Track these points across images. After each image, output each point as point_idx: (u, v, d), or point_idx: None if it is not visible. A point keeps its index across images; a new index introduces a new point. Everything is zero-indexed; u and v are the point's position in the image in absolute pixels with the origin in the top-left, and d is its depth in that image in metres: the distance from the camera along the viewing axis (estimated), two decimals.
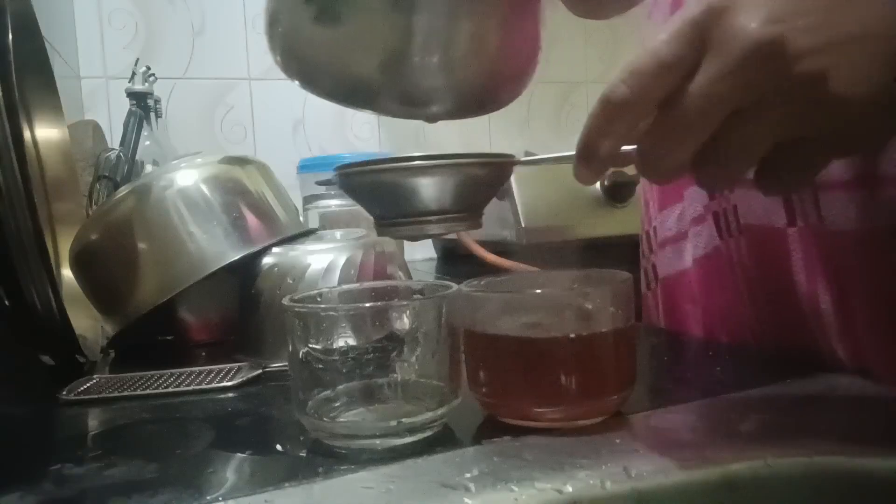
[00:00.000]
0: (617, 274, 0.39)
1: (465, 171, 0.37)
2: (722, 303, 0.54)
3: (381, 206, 0.39)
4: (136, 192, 0.59)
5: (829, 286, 0.43)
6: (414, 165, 0.36)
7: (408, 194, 0.36)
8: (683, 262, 0.58)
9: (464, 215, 0.38)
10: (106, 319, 0.61)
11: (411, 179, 0.36)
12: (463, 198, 0.37)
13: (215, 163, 0.61)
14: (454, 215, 0.38)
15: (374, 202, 0.39)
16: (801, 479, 0.31)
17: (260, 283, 0.56)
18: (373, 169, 0.36)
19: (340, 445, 0.35)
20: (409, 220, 0.38)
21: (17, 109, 0.45)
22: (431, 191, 0.36)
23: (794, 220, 0.45)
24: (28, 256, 0.47)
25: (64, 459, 0.35)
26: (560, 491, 0.29)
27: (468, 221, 0.39)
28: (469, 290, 0.38)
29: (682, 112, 0.30)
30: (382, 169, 0.36)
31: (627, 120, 0.32)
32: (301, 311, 0.36)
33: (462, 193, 0.37)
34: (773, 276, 0.47)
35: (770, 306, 0.49)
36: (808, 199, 0.44)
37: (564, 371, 0.35)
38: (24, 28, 0.55)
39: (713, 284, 0.55)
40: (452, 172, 0.36)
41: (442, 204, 0.37)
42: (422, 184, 0.36)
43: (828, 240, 0.43)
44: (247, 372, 0.50)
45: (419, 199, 0.37)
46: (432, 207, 0.37)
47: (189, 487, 0.31)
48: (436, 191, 0.36)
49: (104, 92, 1.24)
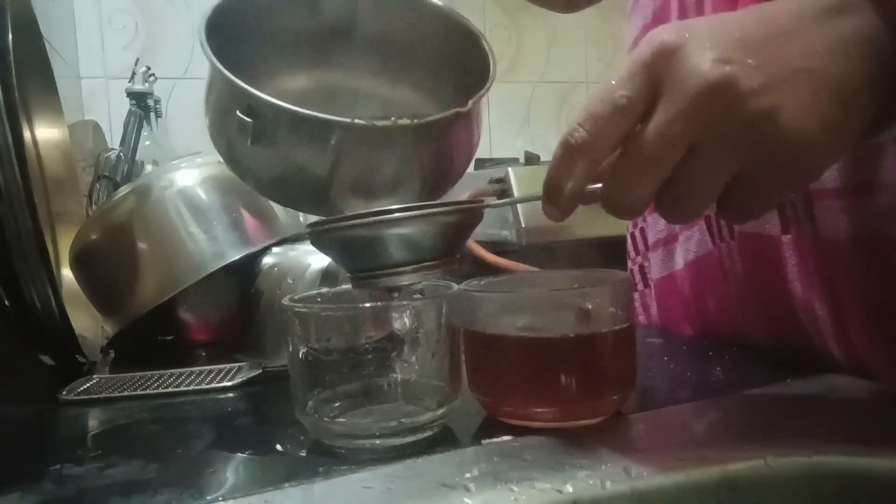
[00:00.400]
0: (617, 274, 0.39)
1: (437, 220, 0.37)
2: (714, 306, 0.54)
3: (355, 260, 0.39)
4: (136, 192, 0.59)
5: (824, 293, 0.43)
6: (385, 219, 0.36)
7: (381, 247, 0.37)
8: (675, 264, 0.58)
9: (439, 262, 0.38)
10: (106, 319, 0.61)
11: (383, 233, 0.36)
12: (436, 245, 0.38)
13: (215, 163, 0.61)
14: (429, 263, 0.38)
15: (347, 257, 0.39)
16: (801, 479, 0.31)
17: (260, 283, 0.56)
18: (343, 225, 0.36)
19: (340, 445, 0.35)
20: (384, 272, 0.37)
21: (17, 109, 0.46)
22: (404, 242, 0.36)
23: (787, 227, 0.45)
24: (28, 256, 0.47)
25: (64, 459, 0.35)
26: (560, 491, 0.29)
27: (443, 268, 0.39)
28: (469, 290, 0.38)
29: (640, 152, 0.31)
30: (353, 225, 0.36)
31: (588, 161, 0.33)
32: (301, 311, 0.36)
33: (435, 241, 0.37)
34: (766, 283, 0.47)
35: (764, 311, 0.49)
36: (802, 208, 0.44)
37: (564, 371, 0.35)
38: (24, 28, 0.55)
39: (705, 288, 0.55)
40: (424, 223, 0.36)
41: (416, 253, 0.37)
42: (393, 236, 0.36)
43: (822, 247, 0.43)
44: (247, 372, 0.50)
45: (392, 251, 0.37)
46: (406, 258, 0.37)
47: (189, 487, 0.31)
48: (408, 242, 0.37)
49: (104, 92, 1.24)
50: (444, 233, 0.37)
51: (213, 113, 0.41)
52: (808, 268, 0.44)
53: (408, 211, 0.36)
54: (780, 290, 0.46)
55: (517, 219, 1.01)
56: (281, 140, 0.38)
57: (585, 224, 1.04)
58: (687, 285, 0.57)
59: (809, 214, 0.43)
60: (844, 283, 0.42)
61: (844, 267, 0.42)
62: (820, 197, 0.43)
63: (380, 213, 0.36)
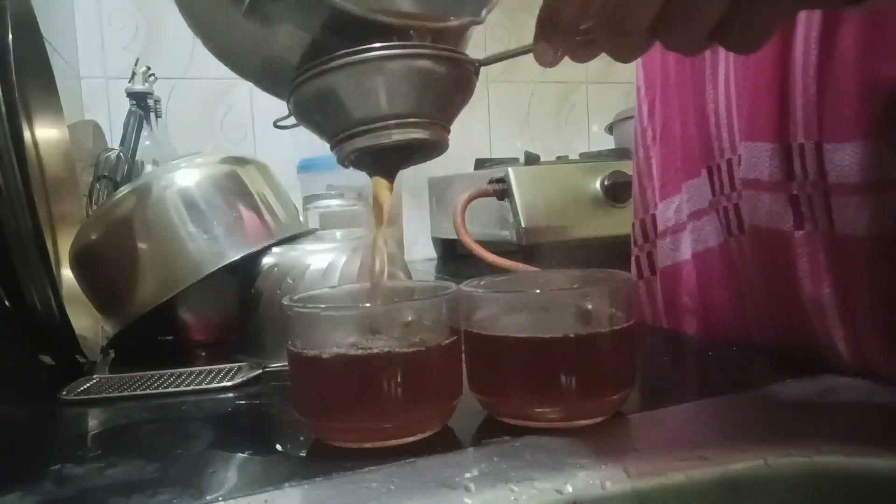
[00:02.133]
0: (617, 274, 0.39)
1: (425, 65, 0.34)
2: (719, 300, 0.54)
3: (338, 118, 0.35)
4: (136, 192, 0.59)
5: (836, 292, 0.43)
6: (369, 56, 0.32)
7: (363, 94, 0.33)
8: (682, 254, 0.58)
9: (427, 121, 0.35)
10: (106, 319, 0.61)
11: (367, 75, 0.33)
12: (424, 99, 0.34)
13: (215, 163, 0.61)
14: (417, 120, 0.34)
15: (329, 115, 0.36)
16: (801, 479, 0.31)
17: (260, 283, 0.56)
18: (323, 69, 0.33)
19: (340, 445, 0.35)
20: (367, 127, 0.34)
21: (17, 109, 0.45)
22: (389, 86, 0.33)
23: (801, 223, 0.45)
24: (28, 256, 0.47)
25: (64, 459, 0.35)
26: (560, 491, 0.29)
27: (432, 129, 0.35)
28: (469, 290, 0.38)
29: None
30: (334, 67, 0.33)
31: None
32: (301, 311, 0.36)
33: (422, 93, 0.34)
34: (776, 279, 0.47)
35: (770, 308, 0.49)
36: (819, 203, 0.43)
37: (564, 371, 0.35)
38: (24, 28, 0.55)
39: (712, 280, 0.55)
40: (412, 65, 0.33)
41: (400, 104, 0.34)
42: (380, 78, 0.33)
43: (837, 245, 0.42)
44: (247, 372, 0.50)
45: (377, 97, 0.33)
46: (389, 109, 0.34)
47: (189, 487, 0.31)
48: (393, 86, 0.33)
49: (104, 92, 1.24)
50: (432, 83, 0.34)
51: None
52: (821, 265, 0.44)
53: (394, 48, 0.33)
54: (789, 287, 0.46)
55: (517, 219, 1.01)
56: (277, 16, 0.34)
57: (585, 224, 1.04)
58: (693, 277, 0.57)
59: (826, 211, 0.43)
60: (858, 282, 0.42)
61: (859, 266, 0.42)
62: (838, 192, 0.42)
63: (366, 50, 0.33)
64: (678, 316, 0.59)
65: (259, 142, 1.36)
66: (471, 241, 0.85)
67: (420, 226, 1.43)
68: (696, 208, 0.56)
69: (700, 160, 0.54)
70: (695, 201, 0.56)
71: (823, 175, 0.42)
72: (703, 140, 0.54)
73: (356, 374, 0.34)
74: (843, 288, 0.43)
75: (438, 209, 1.37)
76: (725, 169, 0.51)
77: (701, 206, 0.55)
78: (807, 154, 0.43)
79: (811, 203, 0.44)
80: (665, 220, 0.60)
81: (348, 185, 1.05)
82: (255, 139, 1.36)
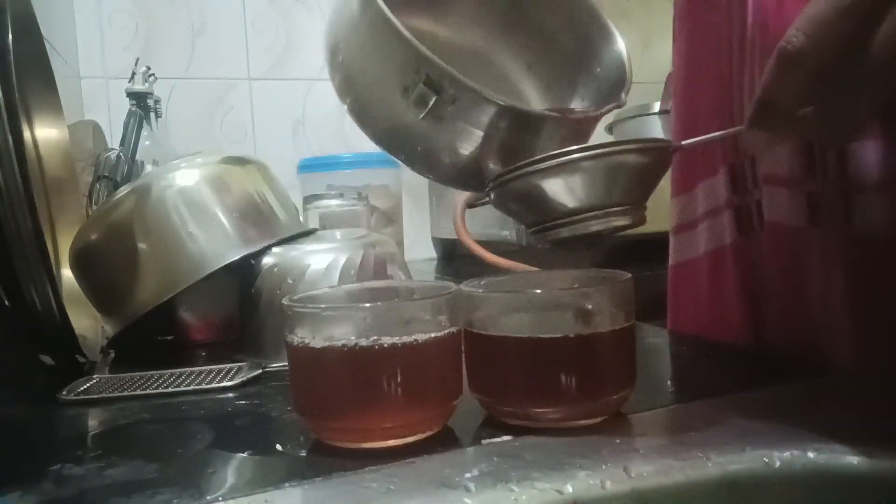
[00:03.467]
0: (617, 274, 0.39)
1: (626, 159, 0.35)
2: (727, 299, 0.54)
3: (539, 210, 0.37)
4: (136, 192, 0.59)
5: (847, 291, 0.43)
6: (574, 158, 0.34)
7: (568, 191, 0.35)
8: (695, 251, 0.57)
9: (626, 208, 0.36)
10: (106, 319, 0.61)
11: (573, 173, 0.34)
12: (623, 189, 0.36)
13: (215, 163, 0.61)
14: (617, 209, 0.36)
15: (531, 208, 0.38)
16: (801, 479, 0.31)
17: (260, 283, 0.56)
18: (529, 171, 0.35)
19: (340, 445, 0.35)
20: (568, 220, 0.36)
21: (17, 109, 0.45)
22: (593, 183, 0.35)
23: (817, 220, 0.44)
24: (28, 256, 0.47)
25: (64, 459, 0.35)
26: (560, 491, 0.29)
27: (631, 215, 0.36)
28: (469, 290, 0.38)
29: (867, 63, 0.28)
30: (540, 169, 0.35)
31: (805, 72, 0.29)
32: (301, 311, 0.36)
33: (623, 182, 0.35)
34: (787, 276, 0.46)
35: (779, 304, 0.49)
36: (837, 201, 0.42)
37: (564, 371, 0.35)
38: (24, 28, 0.55)
39: (723, 279, 0.54)
40: (613, 162, 0.35)
41: (602, 197, 0.35)
42: (583, 177, 0.34)
43: (853, 244, 0.42)
44: (247, 372, 0.50)
45: (579, 194, 0.35)
46: (594, 202, 0.35)
47: (189, 487, 0.31)
48: (597, 183, 0.35)
49: (104, 92, 1.24)
50: (632, 175, 0.36)
51: (373, 71, 0.39)
52: (834, 263, 0.43)
53: (596, 149, 0.34)
54: (800, 282, 0.45)
55: None
56: (450, 117, 0.36)
57: None
58: (704, 275, 0.56)
59: (844, 208, 0.42)
60: (873, 282, 0.42)
61: (875, 265, 0.41)
62: (859, 190, 0.41)
63: (564, 154, 0.34)
64: (685, 311, 0.59)
65: (259, 142, 1.36)
66: (471, 241, 0.85)
67: (420, 226, 1.43)
68: (712, 207, 0.55)
69: (721, 158, 0.54)
70: (711, 200, 0.55)
71: (843, 172, 0.42)
72: (727, 139, 0.53)
73: (356, 374, 0.34)
74: (854, 286, 0.42)
75: (438, 209, 1.36)
76: (749, 166, 0.51)
77: (717, 204, 0.55)
78: (827, 151, 0.43)
79: (829, 200, 0.43)
80: (679, 217, 0.59)
81: (348, 185, 1.05)
82: (255, 139, 1.36)
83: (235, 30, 1.34)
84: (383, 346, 0.34)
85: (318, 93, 1.39)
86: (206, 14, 1.32)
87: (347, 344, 0.34)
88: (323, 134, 1.40)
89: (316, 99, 1.39)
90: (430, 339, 0.35)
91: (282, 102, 1.36)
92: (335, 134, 1.41)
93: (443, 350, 0.36)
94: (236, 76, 1.35)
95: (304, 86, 1.38)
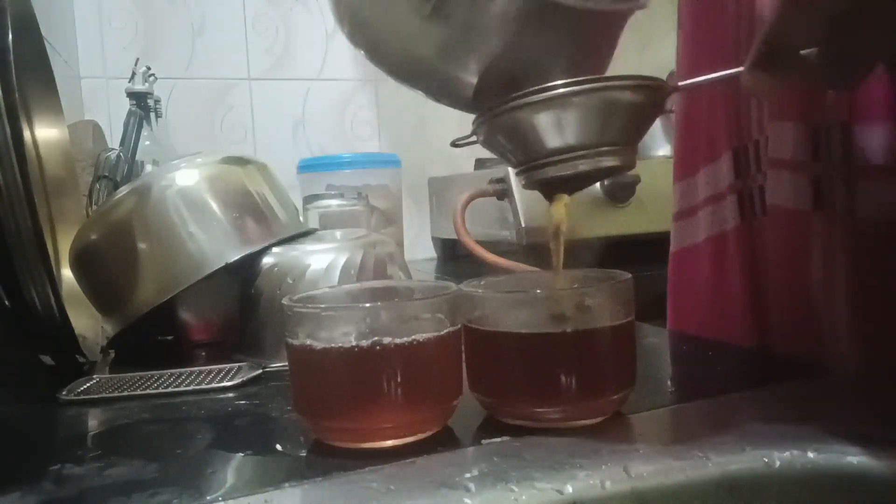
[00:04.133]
0: (617, 274, 0.39)
1: (619, 96, 0.34)
2: (728, 284, 0.53)
3: (526, 148, 0.35)
4: (136, 192, 0.59)
5: (848, 278, 0.42)
6: (564, 92, 0.32)
7: (555, 128, 0.34)
8: (696, 237, 0.57)
9: (616, 148, 0.35)
10: (106, 319, 0.61)
11: (562, 108, 0.33)
12: (615, 128, 0.34)
13: (215, 163, 0.61)
14: (606, 149, 0.34)
15: (518, 146, 0.36)
16: (801, 479, 0.31)
17: (260, 283, 0.56)
18: (517, 104, 0.33)
19: (340, 445, 0.35)
20: (557, 158, 0.35)
21: (17, 109, 0.45)
22: (583, 119, 0.33)
23: (820, 204, 0.44)
24: (28, 256, 0.47)
25: (64, 459, 0.35)
26: (560, 491, 0.29)
27: (621, 156, 0.35)
28: (469, 290, 0.38)
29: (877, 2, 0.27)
30: (528, 103, 0.33)
31: (814, 12, 0.28)
32: (301, 311, 0.36)
33: (614, 121, 0.34)
34: (789, 260, 0.46)
35: (779, 291, 0.48)
36: (840, 185, 0.42)
37: (564, 371, 0.35)
38: (24, 28, 0.55)
39: (725, 265, 0.54)
40: (605, 98, 0.33)
41: (592, 135, 0.34)
42: (573, 112, 0.33)
43: (856, 229, 0.42)
44: (247, 372, 0.50)
45: (570, 130, 0.34)
46: (581, 140, 0.34)
47: (189, 487, 0.31)
48: (586, 120, 0.33)
49: (104, 92, 1.24)
50: (624, 112, 0.35)
51: None
52: (835, 247, 0.43)
53: (588, 83, 0.33)
54: (800, 271, 0.45)
55: (517, 219, 1.01)
56: (459, 12, 0.34)
57: (586, 224, 1.04)
58: (705, 261, 0.56)
59: (849, 193, 0.42)
60: (874, 269, 0.41)
61: (877, 250, 0.41)
62: (863, 175, 0.41)
63: (559, 87, 0.33)
64: (685, 299, 0.59)
65: (259, 142, 1.36)
66: (471, 241, 0.85)
67: (420, 226, 1.43)
68: (714, 192, 0.55)
69: (725, 142, 0.54)
70: (713, 185, 0.55)
71: (847, 157, 0.42)
72: (731, 121, 0.53)
73: (356, 374, 0.35)
74: (856, 274, 0.42)
75: (438, 209, 1.37)
76: (752, 150, 0.51)
77: (719, 189, 0.54)
78: (832, 135, 0.43)
79: (832, 184, 0.43)
80: (679, 203, 0.59)
81: (348, 185, 1.05)
82: (255, 139, 1.36)
83: (235, 30, 1.34)
84: (383, 346, 0.34)
85: (318, 93, 1.39)
86: (206, 14, 1.32)
87: (347, 344, 0.34)
88: (323, 134, 1.40)
89: (316, 99, 1.39)
90: (430, 339, 0.35)
91: (282, 102, 1.36)
92: (335, 134, 1.41)
93: (443, 350, 0.36)
94: (236, 76, 1.35)
95: (304, 86, 1.38)
